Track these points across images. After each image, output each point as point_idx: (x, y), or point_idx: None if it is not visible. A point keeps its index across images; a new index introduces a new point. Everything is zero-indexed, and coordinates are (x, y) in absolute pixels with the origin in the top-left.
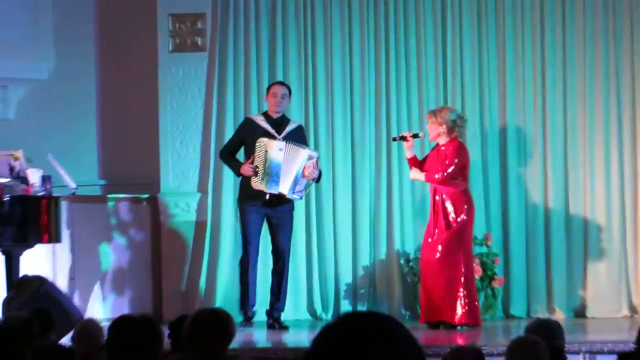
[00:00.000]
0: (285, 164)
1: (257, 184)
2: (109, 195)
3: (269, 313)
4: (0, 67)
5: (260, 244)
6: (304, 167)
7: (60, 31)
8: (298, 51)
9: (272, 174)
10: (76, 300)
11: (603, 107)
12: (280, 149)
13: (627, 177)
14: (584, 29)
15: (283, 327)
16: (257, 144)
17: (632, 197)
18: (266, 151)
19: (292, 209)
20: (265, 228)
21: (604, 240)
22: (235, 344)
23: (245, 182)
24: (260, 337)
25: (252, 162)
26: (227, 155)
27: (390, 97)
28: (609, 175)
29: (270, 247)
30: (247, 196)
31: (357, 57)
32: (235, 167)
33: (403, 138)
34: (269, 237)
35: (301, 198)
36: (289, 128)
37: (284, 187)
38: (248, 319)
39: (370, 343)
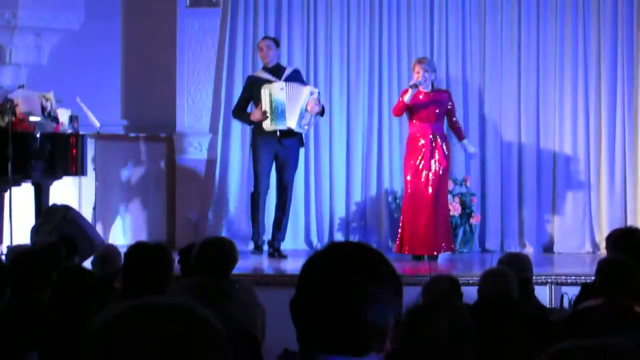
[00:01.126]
0: (289, 101)
1: (268, 125)
2: (130, 134)
3: (270, 243)
4: (37, 18)
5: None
6: (307, 103)
7: None
8: (302, 6)
9: (278, 112)
10: (98, 228)
11: (571, 55)
12: (282, 89)
13: (592, 120)
14: None
15: (282, 256)
16: (261, 91)
17: (596, 143)
18: (270, 94)
19: (300, 147)
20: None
21: (570, 183)
22: (239, 269)
23: (257, 126)
24: (262, 264)
25: (260, 109)
26: (238, 111)
27: (382, 48)
28: (576, 116)
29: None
30: (260, 137)
31: (354, 9)
32: (246, 117)
33: (415, 86)
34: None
35: (307, 131)
36: (286, 72)
37: (291, 122)
38: (258, 247)
39: (352, 269)
